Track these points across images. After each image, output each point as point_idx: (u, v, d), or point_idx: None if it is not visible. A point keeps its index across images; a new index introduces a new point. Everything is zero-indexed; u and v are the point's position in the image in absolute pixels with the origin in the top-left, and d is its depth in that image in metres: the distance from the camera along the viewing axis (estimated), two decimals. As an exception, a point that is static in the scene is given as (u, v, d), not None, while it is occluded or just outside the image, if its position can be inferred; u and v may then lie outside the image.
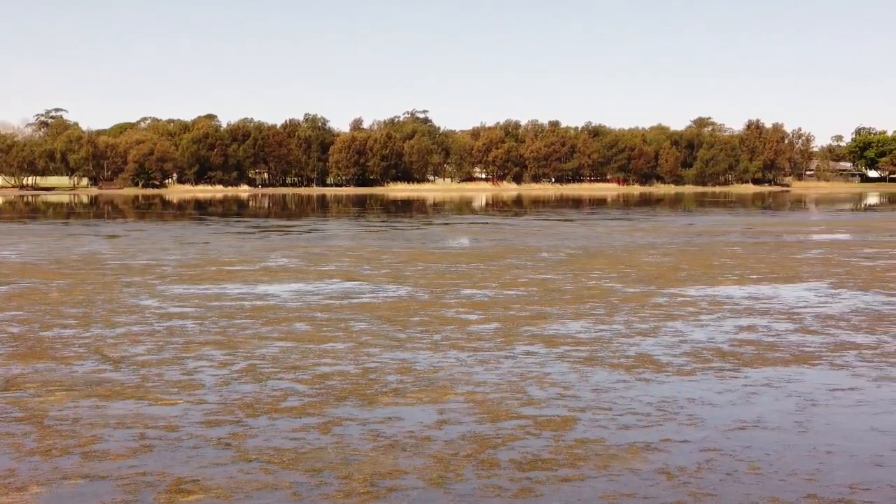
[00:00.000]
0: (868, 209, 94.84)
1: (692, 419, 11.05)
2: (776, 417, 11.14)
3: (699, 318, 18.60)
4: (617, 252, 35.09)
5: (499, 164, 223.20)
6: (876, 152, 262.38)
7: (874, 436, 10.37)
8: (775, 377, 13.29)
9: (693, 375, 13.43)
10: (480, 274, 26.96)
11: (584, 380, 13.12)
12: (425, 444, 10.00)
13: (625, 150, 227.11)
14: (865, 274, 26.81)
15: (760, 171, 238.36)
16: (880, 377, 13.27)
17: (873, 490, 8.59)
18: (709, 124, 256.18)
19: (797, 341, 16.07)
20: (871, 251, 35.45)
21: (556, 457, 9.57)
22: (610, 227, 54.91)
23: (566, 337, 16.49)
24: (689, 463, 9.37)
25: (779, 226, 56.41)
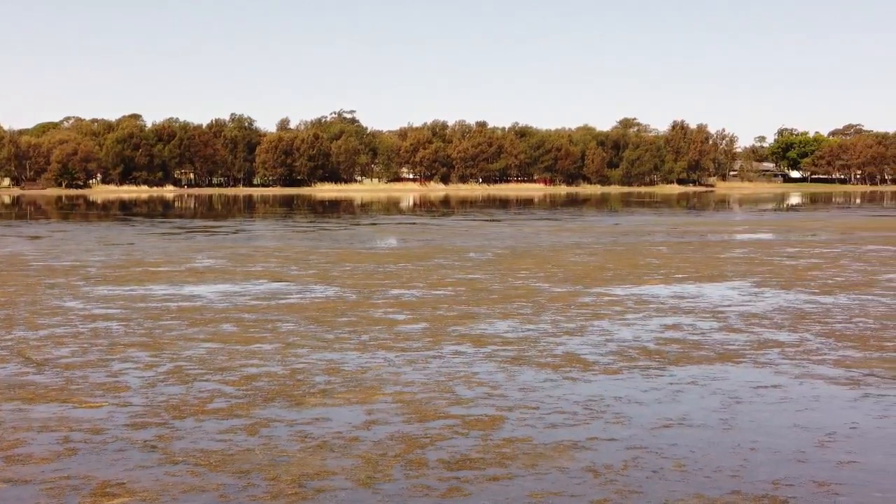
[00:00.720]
0: (790, 209, 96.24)
1: (619, 417, 11.14)
2: (701, 415, 11.26)
3: (625, 317, 18.75)
4: (544, 252, 35.27)
5: (426, 165, 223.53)
6: (798, 153, 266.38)
7: (797, 432, 10.51)
8: (700, 375, 13.43)
9: (619, 374, 13.53)
10: (408, 274, 26.97)
11: (512, 379, 13.17)
12: (353, 445, 9.99)
13: (551, 151, 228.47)
14: (788, 273, 27.18)
15: (685, 171, 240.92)
16: (803, 374, 13.46)
17: (796, 486, 8.71)
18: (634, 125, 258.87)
19: (721, 339, 16.26)
20: (793, 250, 35.96)
21: (484, 456, 9.59)
22: (537, 227, 55.18)
23: (494, 336, 16.54)
24: (616, 461, 9.45)
25: (703, 225, 57.03)
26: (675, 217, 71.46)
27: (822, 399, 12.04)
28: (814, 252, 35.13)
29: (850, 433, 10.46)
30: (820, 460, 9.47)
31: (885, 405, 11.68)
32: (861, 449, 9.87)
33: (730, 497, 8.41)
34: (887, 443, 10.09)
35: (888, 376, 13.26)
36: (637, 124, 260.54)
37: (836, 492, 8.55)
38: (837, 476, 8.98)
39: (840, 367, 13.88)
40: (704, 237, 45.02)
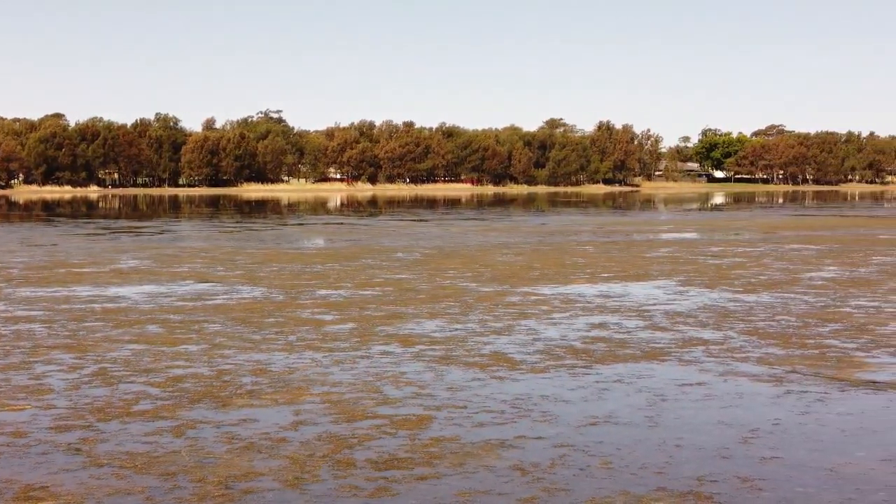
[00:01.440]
0: (714, 209, 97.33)
1: (546, 416, 11.20)
2: (627, 413, 11.36)
3: (552, 317, 18.85)
4: (471, 252, 35.36)
5: (353, 165, 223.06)
6: (722, 153, 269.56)
7: (721, 429, 10.64)
8: (626, 373, 13.55)
9: (546, 373, 13.60)
10: (336, 274, 26.90)
11: (440, 378, 13.19)
12: (281, 446, 9.95)
13: (478, 151, 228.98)
14: (712, 272, 27.49)
15: (611, 171, 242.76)
16: (726, 372, 13.62)
17: (720, 482, 8.82)
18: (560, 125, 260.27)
19: (647, 338, 16.41)
20: (717, 250, 36.37)
21: (412, 455, 9.60)
22: (464, 227, 55.29)
23: (421, 336, 16.55)
24: (543, 459, 9.50)
25: (629, 225, 57.49)
26: (601, 217, 71.97)
27: (746, 396, 12.20)
28: (737, 251, 35.56)
29: (773, 429, 10.61)
30: (743, 456, 9.60)
31: (807, 402, 11.86)
32: (783, 445, 10.01)
33: (655, 493, 8.50)
34: (809, 439, 10.25)
35: (810, 373, 13.47)
36: (563, 125, 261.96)
37: (760, 487, 8.67)
38: (760, 472, 9.11)
39: (763, 365, 14.08)
40: (630, 237, 45.39)
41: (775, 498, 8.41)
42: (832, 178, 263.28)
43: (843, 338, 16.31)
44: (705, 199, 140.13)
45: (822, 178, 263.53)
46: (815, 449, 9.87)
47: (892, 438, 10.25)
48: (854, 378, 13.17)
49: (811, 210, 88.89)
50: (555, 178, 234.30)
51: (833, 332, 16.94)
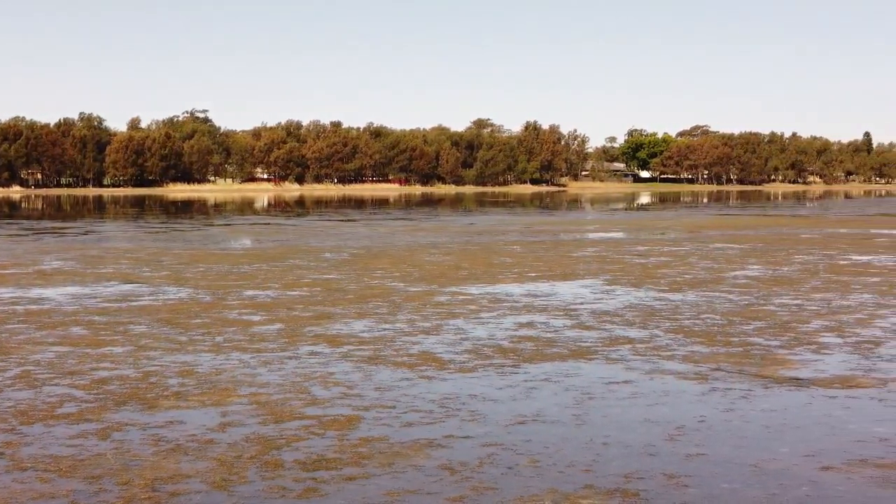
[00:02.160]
0: (640, 209, 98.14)
1: (474, 415, 11.23)
2: (555, 411, 11.42)
3: (480, 316, 18.90)
4: (399, 252, 35.35)
5: (281, 165, 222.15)
6: (647, 153, 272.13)
7: (647, 426, 10.74)
8: (554, 372, 13.62)
9: (474, 372, 13.64)
10: (263, 275, 26.76)
11: (368, 379, 13.17)
12: (208, 447, 9.88)
13: (406, 151, 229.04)
14: (638, 271, 27.72)
15: (538, 171, 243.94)
16: (653, 370, 13.75)
17: (647, 479, 8.90)
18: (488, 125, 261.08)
19: (574, 337, 16.51)
20: (642, 249, 36.67)
21: (341, 456, 9.58)
22: (392, 227, 55.27)
23: (350, 336, 16.52)
24: (472, 458, 9.52)
25: (556, 225, 57.80)
26: (528, 217, 72.27)
27: (672, 394, 12.32)
28: (663, 250, 35.89)
29: (699, 426, 10.72)
30: (669, 453, 9.69)
31: (732, 399, 12.00)
32: (709, 442, 10.13)
33: (583, 491, 8.56)
34: (734, 435, 10.37)
35: (734, 371, 13.63)
36: (491, 125, 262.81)
37: (686, 484, 8.76)
38: (686, 468, 9.20)
39: (689, 363, 14.22)
40: (557, 236, 45.62)
41: (701, 494, 8.50)
42: (756, 177, 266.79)
43: (766, 335, 16.53)
44: (631, 199, 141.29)
45: (746, 178, 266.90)
46: (740, 445, 9.99)
47: (815, 434, 10.41)
48: (777, 375, 13.35)
49: (735, 210, 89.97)
50: (482, 178, 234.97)
51: (757, 329, 17.16)
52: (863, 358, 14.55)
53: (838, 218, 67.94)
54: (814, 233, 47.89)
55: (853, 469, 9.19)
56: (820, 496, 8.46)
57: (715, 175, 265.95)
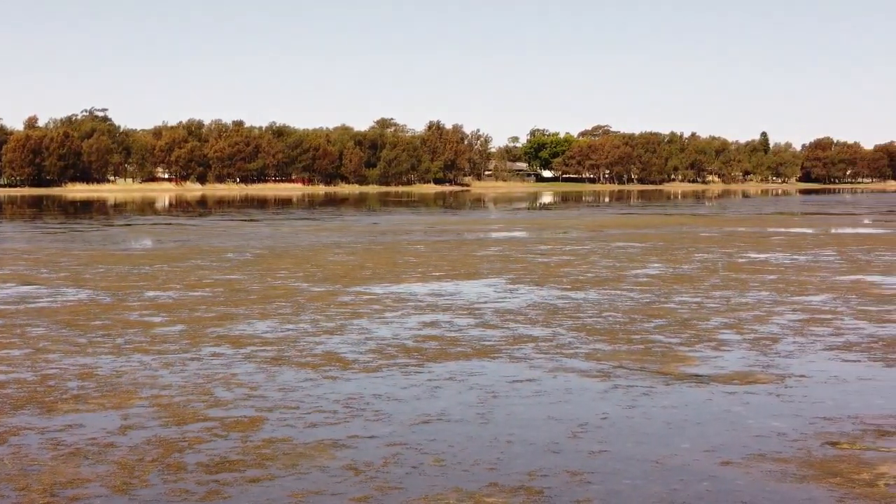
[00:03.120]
0: (542, 208, 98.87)
1: (378, 415, 11.21)
2: (459, 410, 11.45)
3: (384, 316, 18.88)
4: (303, 251, 35.18)
5: (182, 165, 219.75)
6: (549, 153, 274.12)
7: (551, 424, 10.81)
8: (458, 371, 13.65)
9: (379, 372, 13.61)
10: (164, 275, 26.44)
11: (272, 379, 13.08)
12: (109, 451, 9.73)
13: (309, 151, 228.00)
14: (541, 270, 27.91)
15: (441, 171, 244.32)
16: (556, 368, 13.84)
17: (550, 476, 8.96)
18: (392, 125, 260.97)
19: (478, 335, 16.56)
20: (545, 248, 36.93)
21: (244, 458, 9.50)
22: (296, 226, 55.00)
23: (253, 337, 16.40)
24: (376, 458, 9.51)
25: (459, 224, 57.96)
26: (431, 216, 72.38)
27: (575, 391, 12.42)
28: (565, 249, 36.17)
29: (602, 424, 10.82)
30: (573, 451, 9.77)
31: (633, 396, 12.13)
32: (611, 439, 10.22)
33: (487, 489, 8.58)
34: (636, 432, 10.48)
35: (636, 368, 13.78)
36: (394, 124, 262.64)
37: (589, 480, 8.84)
38: (590, 465, 9.28)
39: (591, 361, 14.34)
40: (461, 236, 45.75)
41: (604, 491, 8.58)
42: (656, 177, 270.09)
43: (667, 333, 16.74)
44: (534, 199, 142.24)
45: (647, 178, 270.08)
46: (642, 442, 10.11)
47: (715, 430, 10.56)
48: (678, 372, 13.52)
49: (636, 209, 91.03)
50: (386, 177, 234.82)
51: (658, 327, 17.37)
52: (761, 354, 14.80)
53: (736, 217, 69.09)
54: (713, 231, 48.62)
55: (752, 463, 9.34)
56: (720, 491, 8.58)
57: (616, 174, 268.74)
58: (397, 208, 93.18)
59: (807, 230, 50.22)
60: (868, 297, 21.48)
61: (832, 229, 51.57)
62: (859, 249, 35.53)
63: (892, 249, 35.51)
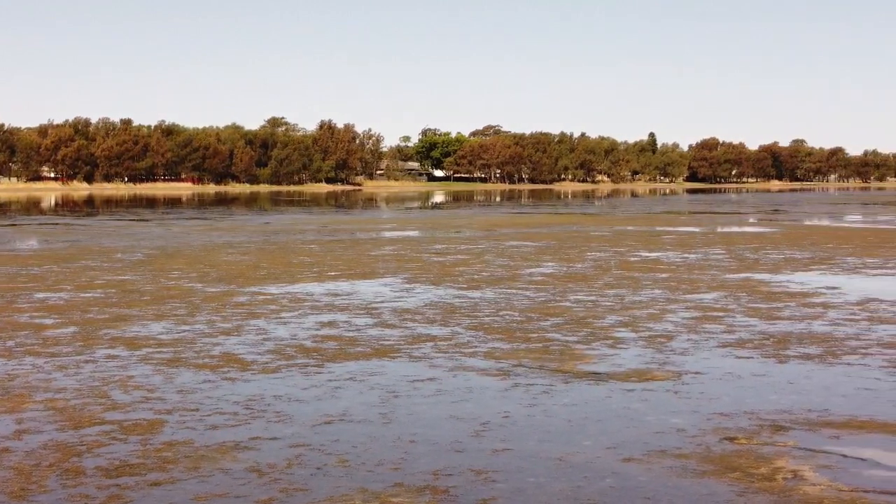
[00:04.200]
0: (435, 207, 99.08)
1: (280, 416, 11.13)
2: (361, 410, 11.41)
3: (281, 316, 18.75)
4: (195, 251, 34.78)
5: (69, 163, 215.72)
6: (441, 152, 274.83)
7: (453, 423, 10.83)
8: (358, 371, 13.61)
9: (278, 372, 13.52)
10: (54, 276, 25.93)
11: (170, 381, 12.91)
12: (3, 457, 9.51)
13: (199, 150, 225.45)
14: (436, 269, 27.95)
15: (333, 170, 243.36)
16: (456, 367, 13.87)
17: (455, 475, 8.97)
18: (282, 124, 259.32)
19: (377, 335, 16.53)
20: (440, 247, 37.00)
21: (145, 461, 9.36)
22: (187, 226, 54.36)
23: (148, 338, 16.17)
24: (280, 459, 9.44)
25: (353, 224, 57.83)
26: (325, 216, 72.09)
27: (476, 390, 12.45)
28: (460, 248, 36.28)
29: (504, 422, 10.87)
30: (476, 449, 9.80)
31: (534, 394, 12.21)
32: (514, 437, 10.28)
33: (393, 490, 8.57)
34: (538, 430, 10.55)
35: (535, 366, 13.87)
36: (285, 123, 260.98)
37: (493, 479, 8.87)
38: (493, 464, 9.32)
39: (490, 359, 14.40)
40: (355, 235, 45.64)
41: (508, 489, 8.62)
42: (547, 177, 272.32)
43: (564, 331, 16.88)
44: (426, 198, 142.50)
45: (538, 177, 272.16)
46: (544, 440, 10.18)
47: (615, 427, 10.67)
48: (576, 370, 13.65)
49: (527, 208, 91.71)
50: (277, 176, 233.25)
51: (555, 325, 17.50)
52: (657, 352, 15.00)
53: (626, 216, 69.98)
54: (604, 230, 49.16)
55: (653, 460, 9.46)
56: (623, 487, 8.68)
57: (507, 174, 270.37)
58: (289, 208, 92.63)
59: (695, 229, 51.05)
60: (757, 294, 21.90)
61: (719, 228, 52.53)
62: (747, 248, 36.21)
63: (778, 248, 36.25)
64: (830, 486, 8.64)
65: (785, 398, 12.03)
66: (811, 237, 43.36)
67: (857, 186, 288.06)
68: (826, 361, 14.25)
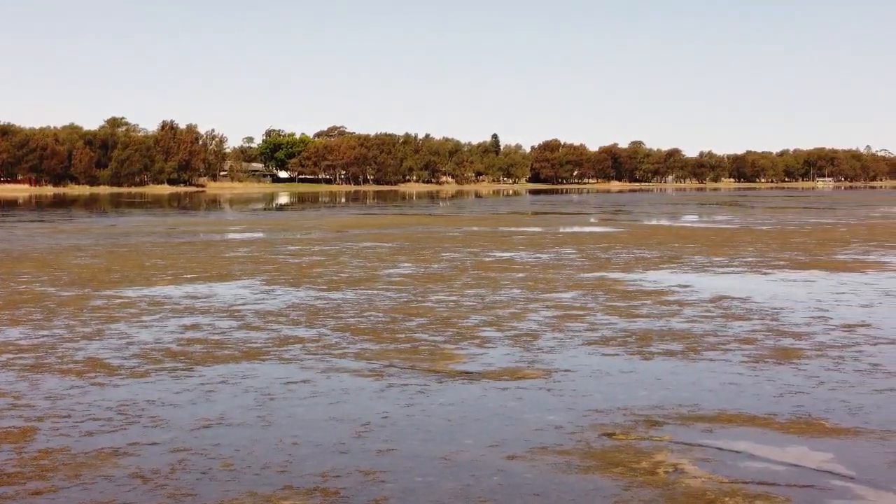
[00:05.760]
0: (282, 209, 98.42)
1: (156, 421, 10.95)
2: (239, 413, 11.30)
3: (142, 319, 18.43)
4: (42, 255, 33.89)
5: None
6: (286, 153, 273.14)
7: (334, 424, 10.80)
8: (229, 374, 13.47)
9: (148, 377, 13.29)
10: None
11: (36, 388, 12.58)
12: None
13: (36, 150, 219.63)
14: (294, 270, 27.79)
15: (176, 171, 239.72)
16: (328, 368, 13.83)
17: (343, 476, 8.96)
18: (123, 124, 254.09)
19: (243, 338, 16.37)
20: (294, 248, 36.79)
21: (22, 470, 9.11)
22: (29, 228, 52.97)
23: (6, 344, 15.73)
24: (163, 465, 9.29)
25: (202, 226, 57.08)
26: (171, 217, 70.94)
27: (351, 391, 12.44)
28: (314, 250, 36.13)
29: (384, 423, 10.89)
30: (361, 450, 9.80)
31: (410, 394, 12.25)
32: (396, 437, 10.30)
33: (282, 492, 8.52)
34: (419, 430, 10.60)
35: (407, 366, 13.91)
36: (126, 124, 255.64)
37: (382, 479, 8.89)
38: (380, 464, 9.33)
39: (362, 360, 14.40)
40: (206, 237, 45.06)
41: (399, 489, 8.65)
42: (392, 178, 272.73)
43: (430, 331, 16.97)
44: (271, 199, 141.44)
45: (383, 179, 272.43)
46: (427, 439, 10.23)
47: (495, 425, 10.78)
48: (448, 370, 13.73)
49: (375, 209, 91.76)
50: (118, 178, 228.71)
51: (420, 325, 17.58)
52: (524, 350, 15.19)
53: (473, 216, 70.55)
54: (455, 231, 49.47)
55: (536, 457, 9.59)
56: (511, 484, 8.78)
57: (352, 175, 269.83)
58: (132, 209, 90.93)
59: (544, 229, 51.73)
60: (613, 293, 22.33)
61: (567, 228, 53.33)
62: (597, 248, 36.88)
63: (626, 247, 37.00)
64: (711, 478, 8.89)
65: (655, 394, 12.32)
66: (657, 236, 44.39)
67: (693, 187, 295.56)
68: (689, 358, 14.63)
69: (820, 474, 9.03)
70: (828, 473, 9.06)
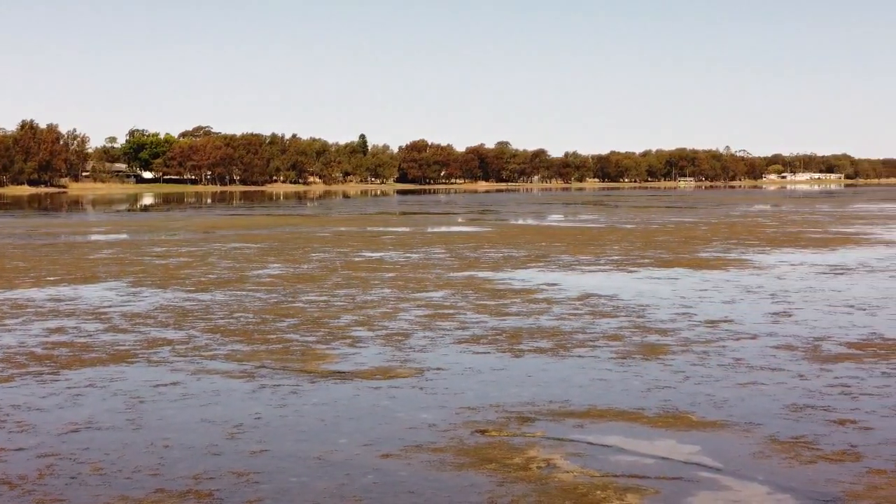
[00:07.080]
0: (146, 210, 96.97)
1: (22, 426, 10.72)
2: (108, 417, 11.12)
3: (4, 323, 18.02)
4: None
5: None
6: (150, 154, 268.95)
7: (205, 426, 10.70)
8: (97, 377, 13.24)
9: (12, 381, 13.00)
10: None
11: None
12: None
13: None
14: (160, 272, 27.41)
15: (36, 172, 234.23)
16: (198, 370, 13.69)
17: (217, 478, 8.89)
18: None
19: (110, 340, 16.11)
20: (160, 250, 36.27)
21: None
22: None
23: None
24: (30, 470, 9.10)
25: (64, 227, 55.97)
26: (31, 219, 69.32)
27: (223, 393, 12.34)
28: (181, 251, 35.67)
29: (256, 423, 10.82)
30: (234, 452, 9.73)
31: (282, 395, 12.19)
32: (269, 438, 10.25)
33: (155, 496, 8.41)
34: (292, 430, 10.56)
35: (278, 367, 13.84)
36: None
37: (256, 480, 8.84)
38: (253, 465, 9.28)
39: (233, 362, 14.28)
40: (68, 238, 44.19)
41: (273, 489, 8.61)
42: (258, 178, 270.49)
43: (301, 331, 16.90)
44: (136, 200, 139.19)
45: (249, 179, 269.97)
46: (301, 439, 10.20)
47: (369, 424, 10.80)
48: (321, 370, 13.70)
49: (242, 210, 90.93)
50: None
51: (291, 326, 17.50)
52: (396, 350, 15.22)
53: (342, 216, 70.40)
54: (323, 231, 49.30)
55: (410, 455, 9.63)
56: (386, 483, 8.80)
57: (218, 176, 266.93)
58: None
59: (412, 229, 51.86)
60: (483, 292, 22.50)
61: (435, 228, 53.54)
62: (465, 247, 37.09)
63: (495, 247, 37.30)
64: (583, 472, 9.03)
65: (526, 390, 12.46)
66: (524, 236, 44.84)
67: (558, 187, 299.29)
68: (559, 354, 14.83)
69: (688, 466, 9.25)
70: (695, 465, 9.28)
